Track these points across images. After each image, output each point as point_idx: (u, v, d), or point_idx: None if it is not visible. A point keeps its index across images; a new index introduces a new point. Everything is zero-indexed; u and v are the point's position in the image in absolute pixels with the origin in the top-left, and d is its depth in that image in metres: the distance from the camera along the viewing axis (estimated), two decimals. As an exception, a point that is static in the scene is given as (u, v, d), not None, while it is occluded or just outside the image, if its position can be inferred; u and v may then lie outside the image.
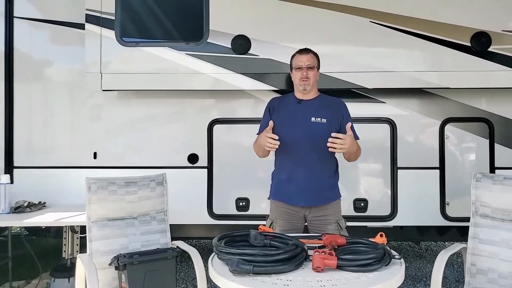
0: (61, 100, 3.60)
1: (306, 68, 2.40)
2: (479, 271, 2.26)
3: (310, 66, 2.40)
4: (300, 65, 2.41)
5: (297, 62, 2.44)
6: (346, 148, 2.20)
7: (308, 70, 2.40)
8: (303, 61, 2.41)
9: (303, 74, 2.39)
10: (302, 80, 2.40)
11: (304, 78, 2.39)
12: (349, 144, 2.20)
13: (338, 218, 2.42)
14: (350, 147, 2.21)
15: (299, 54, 2.46)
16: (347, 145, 2.19)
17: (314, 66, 2.43)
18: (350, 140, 2.20)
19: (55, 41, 3.62)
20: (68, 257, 3.41)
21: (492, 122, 3.38)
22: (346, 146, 2.19)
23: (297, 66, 2.43)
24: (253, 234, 1.86)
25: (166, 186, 2.71)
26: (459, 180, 3.34)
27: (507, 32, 3.19)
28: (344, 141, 2.18)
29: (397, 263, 1.76)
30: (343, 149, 2.20)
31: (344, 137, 2.19)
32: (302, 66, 2.40)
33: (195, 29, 3.32)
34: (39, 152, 3.58)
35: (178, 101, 3.51)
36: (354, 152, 2.34)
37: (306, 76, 2.39)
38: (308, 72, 2.39)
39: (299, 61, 2.43)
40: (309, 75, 2.39)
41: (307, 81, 2.40)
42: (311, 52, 2.47)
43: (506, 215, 2.25)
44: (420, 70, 3.23)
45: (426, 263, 4.22)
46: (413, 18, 3.22)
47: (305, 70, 2.39)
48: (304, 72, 2.39)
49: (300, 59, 2.43)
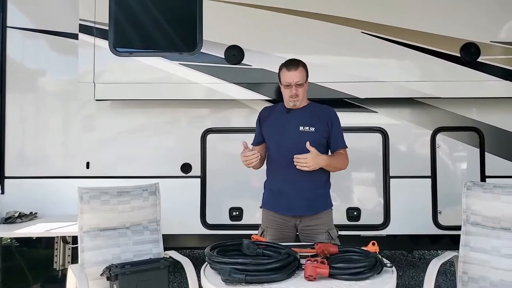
0: (53, 109, 3.59)
1: (295, 86, 2.36)
2: (470, 279, 2.27)
3: (299, 83, 2.37)
4: (289, 82, 2.37)
5: (286, 79, 2.37)
6: (310, 165, 2.21)
7: (298, 87, 2.37)
8: (292, 78, 2.36)
9: (292, 92, 2.37)
10: (292, 97, 2.39)
11: (294, 95, 2.38)
12: (312, 161, 2.21)
13: (329, 227, 2.41)
14: (314, 163, 2.22)
15: (287, 70, 2.38)
16: (311, 162, 2.21)
17: (303, 83, 2.40)
18: (312, 157, 2.21)
19: (48, 51, 3.62)
20: (60, 268, 3.38)
21: (482, 131, 3.43)
22: (310, 163, 2.21)
23: (286, 83, 2.38)
24: (245, 244, 1.86)
25: (159, 195, 2.71)
26: (451, 188, 3.37)
27: (495, 43, 3.25)
28: (305, 160, 2.21)
29: (388, 271, 1.77)
30: (308, 167, 2.22)
31: (305, 156, 2.21)
32: (291, 84, 2.36)
33: (189, 39, 3.34)
34: (30, 162, 3.56)
35: (171, 110, 3.52)
36: (328, 165, 2.33)
37: (295, 94, 2.37)
38: (297, 90, 2.37)
39: (288, 78, 2.37)
40: (298, 92, 2.37)
41: (297, 98, 2.39)
42: (299, 65, 2.39)
43: (497, 223, 2.27)
44: (411, 80, 3.28)
45: (419, 272, 4.22)
46: (403, 29, 3.27)
47: (295, 88, 2.36)
48: (293, 90, 2.36)
49: (288, 77, 2.36)
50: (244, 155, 2.34)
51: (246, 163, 2.35)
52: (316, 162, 2.24)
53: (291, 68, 2.38)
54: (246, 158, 2.33)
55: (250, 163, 2.35)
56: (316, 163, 2.24)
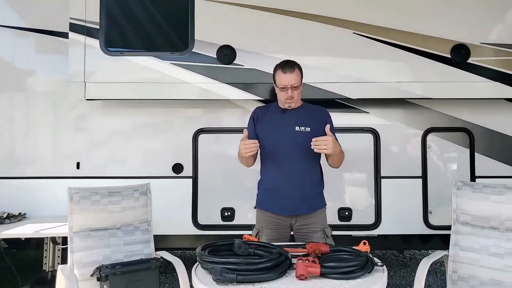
0: (43, 109, 3.55)
1: (291, 88, 2.36)
2: (460, 278, 2.29)
3: (294, 86, 2.37)
4: (285, 85, 2.36)
5: (282, 82, 2.37)
6: (330, 147, 2.20)
7: (293, 90, 2.37)
8: (288, 81, 2.35)
9: (288, 94, 2.37)
10: (288, 100, 2.39)
11: (289, 98, 2.38)
12: (332, 144, 2.21)
13: (324, 226, 2.43)
14: (333, 147, 2.22)
15: (282, 73, 2.37)
16: (331, 144, 2.20)
17: (299, 85, 2.40)
18: (332, 140, 2.22)
19: (38, 50, 3.58)
20: (49, 270, 3.34)
21: (472, 132, 3.46)
22: (330, 146, 2.20)
23: (281, 86, 2.38)
24: (237, 243, 1.86)
25: (150, 196, 2.69)
26: (441, 189, 3.39)
27: (485, 44, 3.28)
28: (326, 141, 2.20)
29: (379, 270, 1.77)
30: (327, 149, 2.21)
31: (326, 138, 2.22)
32: (287, 86, 2.36)
33: (181, 39, 3.33)
34: (19, 162, 3.52)
35: (163, 110, 3.50)
36: (338, 153, 2.34)
37: (291, 96, 2.38)
38: (293, 92, 2.37)
39: (283, 80, 2.36)
40: (294, 94, 2.38)
41: (292, 100, 2.40)
42: (295, 68, 2.39)
43: (486, 222, 2.29)
44: (402, 81, 3.30)
45: (410, 271, 4.25)
46: (395, 30, 3.30)
47: (290, 91, 2.36)
48: (289, 93, 2.37)
49: (284, 79, 2.36)
50: (244, 143, 2.30)
51: (245, 151, 2.28)
52: (335, 145, 2.24)
53: (287, 70, 2.37)
54: (246, 146, 2.28)
55: (250, 152, 2.29)
56: (335, 147, 2.24)
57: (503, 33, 3.30)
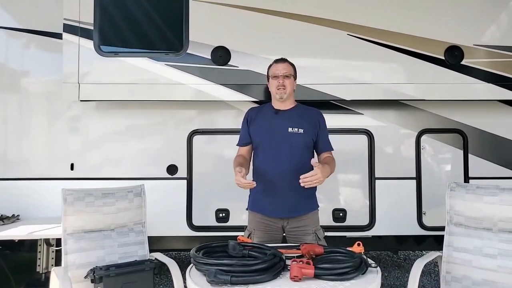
0: (37, 110, 3.53)
1: (283, 77, 2.42)
2: (453, 278, 2.30)
3: (286, 75, 2.43)
4: (276, 73, 2.43)
5: (274, 71, 2.46)
6: (320, 180, 2.16)
7: (285, 79, 2.42)
8: (280, 69, 2.44)
9: (279, 82, 2.41)
10: (278, 89, 2.41)
11: (281, 86, 2.41)
12: (321, 175, 2.16)
13: (316, 228, 2.43)
14: (323, 176, 2.19)
15: (275, 63, 2.49)
16: (320, 177, 2.16)
17: (291, 75, 2.45)
18: (320, 171, 2.16)
19: (31, 51, 3.57)
20: (43, 272, 3.32)
21: (466, 133, 3.48)
22: (319, 178, 2.15)
23: (273, 75, 2.45)
24: (231, 245, 1.86)
25: (144, 197, 2.68)
26: (435, 190, 3.41)
27: (478, 46, 3.30)
28: (315, 176, 2.14)
29: (373, 272, 1.78)
30: (318, 182, 2.17)
31: (313, 173, 2.15)
32: (278, 75, 2.42)
33: (175, 39, 3.33)
34: (13, 164, 3.50)
35: (157, 111, 3.49)
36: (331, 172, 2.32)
37: (282, 84, 2.41)
38: (284, 80, 2.41)
39: (275, 69, 2.46)
40: (285, 83, 2.41)
41: (284, 90, 2.41)
42: (287, 61, 2.50)
43: (479, 223, 2.30)
44: (396, 82, 3.31)
45: (404, 272, 4.27)
46: (389, 32, 3.31)
47: (282, 78, 2.41)
48: (280, 80, 2.41)
49: (276, 68, 2.46)
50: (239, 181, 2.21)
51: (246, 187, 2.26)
52: (324, 174, 2.20)
53: (279, 61, 2.49)
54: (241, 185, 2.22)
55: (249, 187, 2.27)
56: (325, 175, 2.21)
57: (496, 35, 3.33)
